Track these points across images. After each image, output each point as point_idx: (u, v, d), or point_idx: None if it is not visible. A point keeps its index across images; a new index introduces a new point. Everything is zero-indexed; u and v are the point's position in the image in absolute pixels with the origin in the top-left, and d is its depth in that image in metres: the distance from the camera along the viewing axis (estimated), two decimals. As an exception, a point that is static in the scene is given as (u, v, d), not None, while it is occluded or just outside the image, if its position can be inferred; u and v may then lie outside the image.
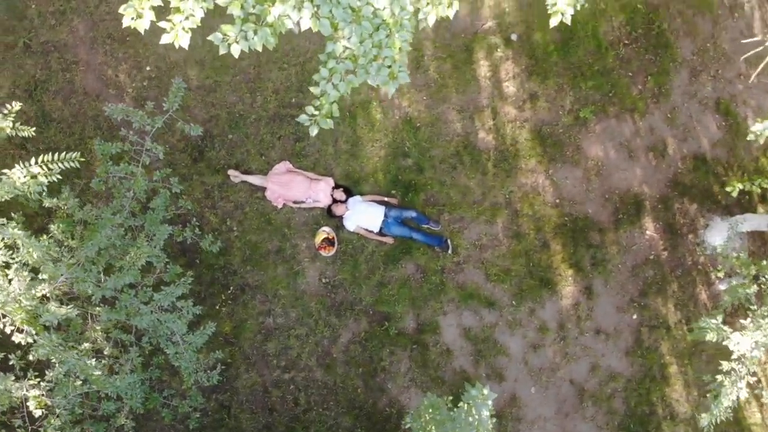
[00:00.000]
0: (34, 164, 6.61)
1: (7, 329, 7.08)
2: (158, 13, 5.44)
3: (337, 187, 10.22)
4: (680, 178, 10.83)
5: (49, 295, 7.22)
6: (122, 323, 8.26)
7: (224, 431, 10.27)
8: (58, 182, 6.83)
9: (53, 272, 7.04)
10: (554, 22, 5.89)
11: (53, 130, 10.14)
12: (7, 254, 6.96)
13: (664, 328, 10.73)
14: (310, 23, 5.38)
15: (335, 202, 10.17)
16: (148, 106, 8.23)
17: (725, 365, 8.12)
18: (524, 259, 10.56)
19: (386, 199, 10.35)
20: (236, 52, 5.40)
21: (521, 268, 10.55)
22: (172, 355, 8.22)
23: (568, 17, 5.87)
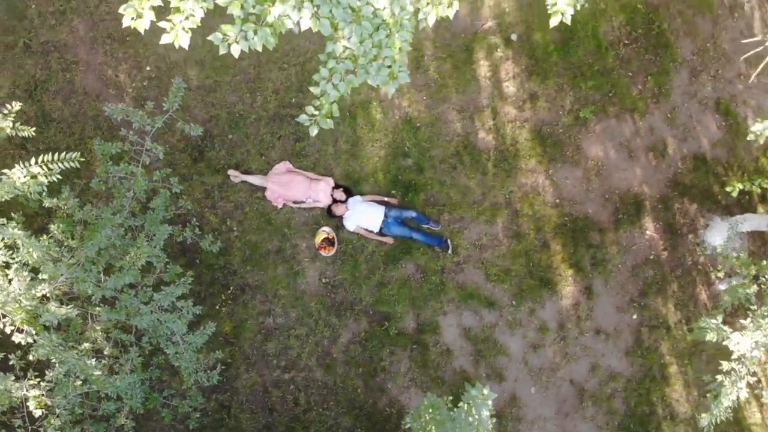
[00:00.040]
0: (34, 164, 6.61)
1: (7, 329, 7.08)
2: (158, 13, 5.44)
3: (337, 187, 10.21)
4: (680, 178, 10.83)
5: (49, 295, 7.21)
6: (122, 323, 8.26)
7: (224, 431, 10.27)
8: (58, 182, 6.83)
9: (53, 272, 7.04)
10: (554, 22, 5.90)
11: (53, 130, 10.14)
12: (7, 254, 6.96)
13: (664, 328, 10.73)
14: (310, 23, 5.38)
15: (335, 202, 10.16)
16: (148, 106, 8.23)
17: (725, 365, 8.12)
18: (524, 259, 10.56)
19: (386, 199, 10.34)
20: (236, 52, 5.39)
21: (521, 268, 10.55)
22: (172, 355, 8.22)
23: (568, 17, 5.87)
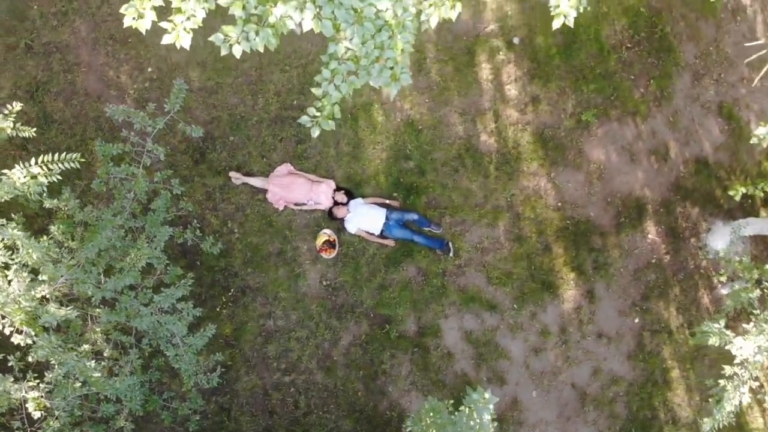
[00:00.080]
0: (34, 164, 6.60)
1: (6, 330, 7.07)
2: (160, 13, 5.44)
3: (338, 189, 10.20)
4: (682, 181, 10.81)
5: (48, 296, 7.20)
6: (122, 325, 8.24)
7: (224, 434, 10.25)
8: (58, 183, 6.82)
9: (53, 273, 7.02)
10: (557, 24, 5.89)
11: (54, 131, 10.13)
12: (6, 255, 6.94)
13: (666, 332, 10.70)
14: (312, 24, 5.37)
15: (336, 204, 10.15)
16: (149, 107, 8.21)
17: (728, 370, 8.10)
18: (526, 262, 10.54)
19: (388, 201, 10.33)
20: (238, 53, 5.38)
21: (523, 271, 10.52)
22: (172, 357, 8.20)
23: (571, 20, 5.86)
